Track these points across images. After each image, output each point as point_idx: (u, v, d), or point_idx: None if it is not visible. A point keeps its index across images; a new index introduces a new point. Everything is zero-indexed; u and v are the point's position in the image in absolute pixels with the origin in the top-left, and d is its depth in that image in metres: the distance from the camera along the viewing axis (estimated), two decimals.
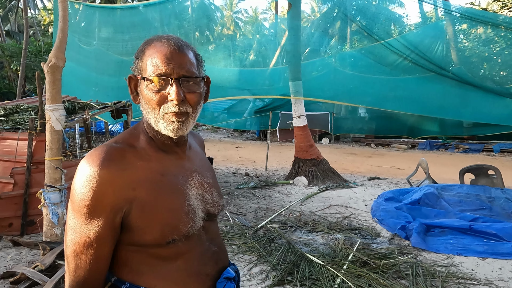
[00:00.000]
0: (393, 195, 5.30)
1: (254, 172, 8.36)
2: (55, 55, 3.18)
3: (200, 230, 0.92)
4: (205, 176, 1.00)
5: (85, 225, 0.80)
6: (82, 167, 0.80)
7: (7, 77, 22.02)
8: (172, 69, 0.84)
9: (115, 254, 0.86)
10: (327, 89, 11.37)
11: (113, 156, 0.82)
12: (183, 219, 0.87)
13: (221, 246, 1.02)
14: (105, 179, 0.79)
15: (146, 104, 0.87)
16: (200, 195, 0.95)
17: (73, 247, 0.81)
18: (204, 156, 1.12)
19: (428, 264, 3.25)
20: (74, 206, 0.80)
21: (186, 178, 0.93)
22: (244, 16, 39.56)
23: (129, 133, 0.93)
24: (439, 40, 9.41)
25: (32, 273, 2.66)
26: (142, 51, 0.89)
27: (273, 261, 3.22)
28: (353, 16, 10.82)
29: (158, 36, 0.89)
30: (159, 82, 0.84)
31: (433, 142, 14.86)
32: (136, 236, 0.83)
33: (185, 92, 0.85)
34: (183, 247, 0.88)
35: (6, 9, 26.05)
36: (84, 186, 0.79)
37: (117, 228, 0.82)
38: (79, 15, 11.32)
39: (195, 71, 0.88)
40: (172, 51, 0.85)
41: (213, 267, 0.95)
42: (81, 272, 0.81)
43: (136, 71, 0.90)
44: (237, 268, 1.07)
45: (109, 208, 0.80)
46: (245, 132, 21.20)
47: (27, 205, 3.80)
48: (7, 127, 4.18)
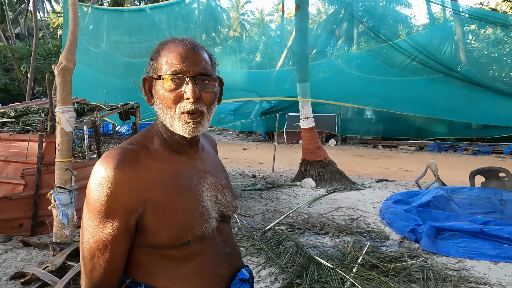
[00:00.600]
0: (402, 198, 5.25)
1: (261, 174, 8.35)
2: (66, 57, 3.20)
3: (214, 232, 0.92)
4: (218, 177, 1.00)
5: (100, 226, 0.80)
6: (97, 169, 0.80)
7: (17, 79, 22.32)
8: (188, 67, 0.84)
9: (129, 255, 0.86)
10: (334, 91, 11.32)
11: (128, 158, 0.82)
12: (197, 220, 0.87)
13: (235, 248, 1.02)
14: (120, 181, 0.79)
15: (161, 104, 0.87)
16: (213, 196, 0.95)
17: (89, 249, 0.81)
18: (216, 157, 1.11)
19: (439, 267, 3.21)
20: (90, 208, 0.80)
21: (199, 179, 0.93)
22: (250, 18, 39.67)
23: (143, 135, 0.93)
24: (447, 41, 9.31)
25: (43, 273, 2.68)
26: (157, 52, 0.89)
27: (281, 264, 3.21)
28: (360, 17, 10.78)
29: (173, 38, 0.90)
30: (175, 80, 0.84)
31: (442, 144, 14.71)
32: (151, 237, 0.83)
33: (200, 91, 0.85)
34: (197, 249, 0.87)
35: (16, 12, 26.45)
36: (100, 188, 0.79)
37: (132, 230, 0.82)
38: (88, 18, 11.45)
39: (210, 69, 0.89)
40: (188, 50, 0.85)
41: (227, 269, 0.94)
42: (97, 273, 0.82)
43: (150, 72, 0.90)
44: (251, 269, 1.06)
45: (124, 209, 0.80)
46: (252, 134, 21.20)
47: (37, 206, 3.84)
48: (18, 129, 4.23)
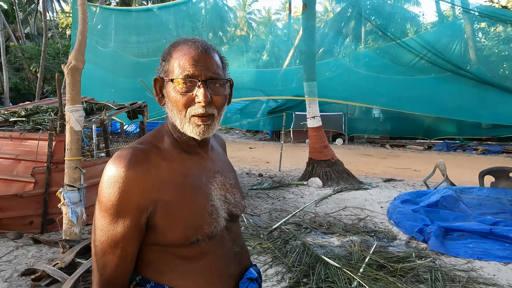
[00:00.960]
0: (409, 197, 5.21)
1: (267, 173, 8.35)
2: (75, 57, 3.24)
3: (223, 231, 0.92)
4: (227, 176, 1.01)
5: (111, 224, 0.81)
6: (109, 168, 0.82)
7: (27, 78, 22.64)
8: (200, 71, 0.84)
9: (140, 253, 0.87)
10: (341, 90, 11.26)
11: (139, 158, 0.84)
12: (207, 219, 0.88)
13: (243, 247, 1.02)
14: (131, 180, 0.80)
15: (172, 106, 0.88)
16: (223, 196, 0.96)
17: (100, 246, 0.83)
18: (225, 157, 1.12)
19: (448, 268, 3.18)
20: (101, 206, 0.82)
21: (209, 178, 0.94)
22: (257, 16, 39.62)
23: (153, 135, 0.94)
24: (456, 39, 9.19)
25: (53, 270, 2.71)
26: (169, 54, 0.89)
27: (288, 263, 3.21)
28: (367, 16, 10.70)
29: (184, 39, 0.90)
30: (186, 84, 0.85)
31: (450, 143, 14.55)
32: (160, 236, 0.84)
33: (212, 94, 0.86)
34: (206, 248, 0.88)
35: (26, 13, 26.79)
36: (111, 187, 0.80)
37: (143, 228, 0.84)
38: (96, 18, 11.54)
39: (221, 73, 0.89)
40: (200, 53, 0.86)
41: (236, 268, 0.95)
42: (108, 270, 0.83)
43: (162, 73, 0.90)
44: (259, 269, 1.07)
45: (135, 208, 0.81)
46: (258, 133, 21.20)
47: (47, 204, 3.89)
48: (28, 128, 4.29)
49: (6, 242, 3.65)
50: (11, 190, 3.97)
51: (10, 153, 4.17)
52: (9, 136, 4.22)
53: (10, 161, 4.14)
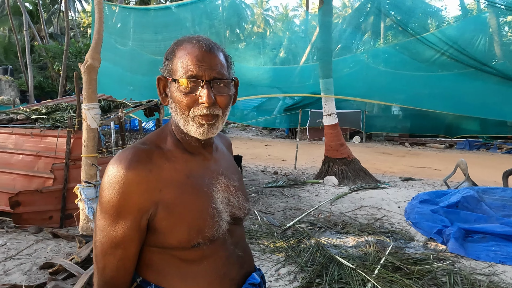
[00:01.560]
0: (428, 197, 5.06)
1: (283, 171, 8.30)
2: (91, 56, 3.30)
3: (225, 234, 0.91)
4: (232, 178, 0.98)
5: (112, 225, 0.80)
6: (110, 168, 0.81)
7: (50, 77, 23.33)
8: (204, 71, 0.82)
9: (141, 255, 0.87)
10: (359, 87, 11.08)
11: (140, 158, 0.83)
12: (209, 222, 0.86)
13: (247, 251, 1.00)
14: (132, 181, 0.79)
15: (175, 106, 0.86)
16: (226, 198, 0.94)
17: (101, 247, 0.82)
18: (231, 158, 1.10)
19: (467, 272, 3.06)
20: (102, 207, 0.81)
21: (212, 180, 0.92)
22: (274, 13, 39.43)
23: (156, 135, 0.93)
24: (481, 34, 8.84)
25: (69, 265, 2.78)
26: (172, 52, 0.88)
27: (301, 262, 3.17)
28: (387, 11, 10.46)
29: (188, 37, 0.88)
30: (190, 84, 0.83)
31: (473, 141, 14.06)
32: (161, 238, 0.83)
33: (216, 95, 0.84)
34: (208, 251, 0.87)
35: (49, 13, 27.59)
36: (112, 187, 0.79)
37: (143, 230, 0.83)
38: (116, 17, 11.76)
39: (226, 73, 0.87)
40: (203, 52, 0.84)
41: (238, 272, 0.93)
42: (109, 271, 0.83)
43: (165, 72, 0.88)
44: (263, 273, 1.04)
45: (135, 209, 0.80)
46: (275, 130, 21.14)
47: (66, 200, 4.00)
48: (48, 125, 4.41)
49: (27, 236, 3.77)
50: (32, 185, 4.10)
51: (31, 150, 4.29)
52: (30, 133, 4.34)
53: (31, 157, 4.27)
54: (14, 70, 22.04)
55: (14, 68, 22.56)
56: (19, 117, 4.73)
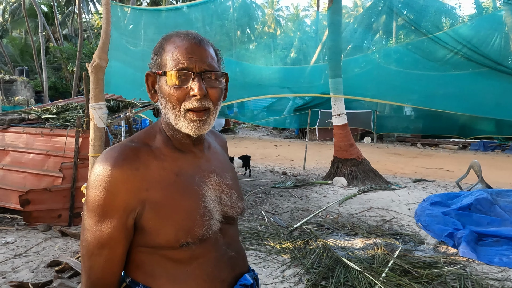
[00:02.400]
0: (440, 199, 4.94)
1: (291, 171, 8.25)
2: (99, 55, 3.31)
3: (216, 234, 0.88)
4: (224, 177, 0.96)
5: (98, 225, 0.79)
6: (96, 167, 0.80)
7: (64, 77, 23.78)
8: (194, 63, 0.81)
9: (129, 255, 0.85)
10: (370, 87, 10.94)
11: (127, 156, 0.81)
12: (198, 221, 0.84)
13: (240, 251, 0.97)
14: (118, 179, 0.78)
15: (166, 101, 0.84)
16: (217, 197, 0.91)
17: (87, 247, 0.81)
18: (225, 156, 1.07)
19: (479, 276, 2.97)
20: (88, 206, 0.80)
21: (202, 178, 0.90)
22: (285, 13, 39.33)
23: (145, 132, 0.91)
24: (496, 32, 8.60)
25: (75, 263, 2.80)
26: (161, 47, 0.86)
27: (307, 264, 3.13)
28: (399, 10, 10.30)
29: (177, 31, 0.87)
30: (181, 77, 0.81)
31: (488, 142, 13.70)
32: (149, 237, 0.81)
33: (207, 87, 0.82)
34: (197, 251, 0.85)
35: (64, 15, 28.14)
36: (97, 186, 0.78)
37: (130, 229, 0.81)
38: (127, 18, 11.90)
39: (216, 66, 0.85)
40: (193, 45, 0.82)
41: (229, 273, 0.91)
42: (95, 272, 0.81)
43: (154, 67, 0.87)
44: (257, 274, 1.01)
45: (121, 208, 0.79)
46: (284, 130, 21.06)
47: (74, 198, 4.04)
48: (58, 125, 4.47)
49: (36, 234, 3.83)
50: (42, 184, 4.15)
51: (41, 149, 4.36)
52: (41, 132, 4.41)
53: (41, 156, 4.33)
54: (30, 71, 22.55)
55: (30, 69, 23.09)
56: (31, 117, 4.81)
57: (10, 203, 4.15)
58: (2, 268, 3.03)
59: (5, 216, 4.38)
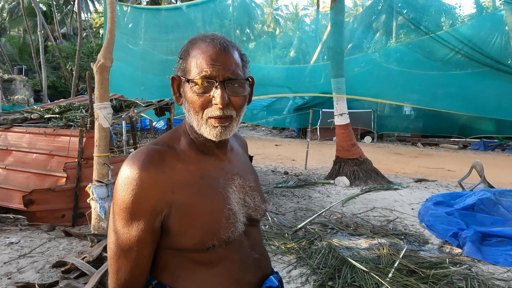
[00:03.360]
0: (443, 199, 4.95)
1: (293, 171, 8.25)
2: (103, 55, 3.30)
3: (241, 236, 0.88)
4: (247, 179, 0.96)
5: (126, 227, 0.79)
6: (123, 170, 0.79)
7: (63, 76, 23.71)
8: (218, 71, 0.80)
9: (155, 257, 0.85)
10: (371, 86, 10.94)
11: (154, 159, 0.81)
12: (224, 224, 0.83)
13: (264, 253, 0.97)
14: (145, 182, 0.78)
15: (189, 106, 0.84)
16: (241, 199, 0.91)
17: (115, 250, 0.81)
18: (246, 158, 1.07)
19: (485, 277, 2.98)
20: (116, 209, 0.80)
21: (226, 181, 0.90)
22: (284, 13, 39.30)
23: (169, 135, 0.91)
24: (496, 32, 8.62)
25: (81, 264, 2.79)
26: (186, 51, 0.85)
27: (313, 264, 3.13)
28: (399, 9, 10.31)
29: (203, 35, 0.86)
30: (204, 84, 0.80)
31: (488, 142, 13.75)
32: (175, 240, 0.81)
33: (230, 95, 0.81)
34: (223, 253, 0.84)
35: (62, 14, 28.04)
36: (125, 189, 0.77)
37: (157, 232, 0.81)
38: (127, 17, 11.86)
39: (240, 72, 0.84)
40: (218, 52, 0.81)
41: (255, 275, 0.90)
42: (123, 274, 0.81)
43: (179, 71, 0.86)
44: (281, 276, 1.01)
45: (149, 211, 0.78)
46: (284, 130, 21.08)
47: (78, 198, 4.02)
48: (61, 124, 4.45)
49: (40, 234, 3.81)
50: (45, 184, 4.14)
51: (45, 149, 4.34)
52: (44, 132, 4.39)
53: (44, 156, 4.32)
54: (29, 70, 22.46)
55: (29, 68, 23.00)
56: (33, 117, 4.79)
57: (13, 203, 4.13)
58: (7, 269, 3.02)
59: (8, 216, 4.36)
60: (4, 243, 3.53)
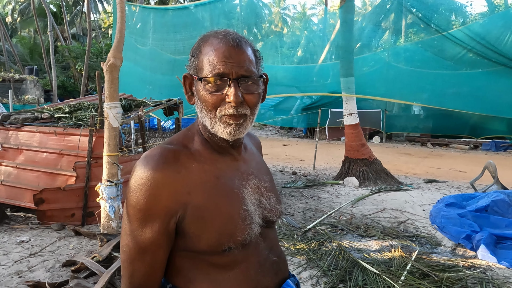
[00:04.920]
0: (455, 201, 4.86)
1: (301, 171, 8.20)
2: (113, 55, 3.30)
3: (257, 238, 0.85)
4: (262, 179, 0.93)
5: (139, 229, 0.76)
6: (137, 170, 0.77)
7: (73, 76, 23.96)
8: (231, 68, 0.77)
9: (170, 260, 0.82)
10: (379, 86, 10.83)
11: (168, 159, 0.78)
12: (240, 225, 0.81)
13: (281, 256, 0.94)
14: (160, 182, 0.75)
15: (202, 105, 0.81)
16: (257, 200, 0.88)
17: (128, 253, 0.78)
18: (261, 158, 1.04)
19: (501, 280, 2.90)
20: (129, 210, 0.77)
21: (242, 181, 0.87)
22: (291, 12, 39.19)
23: (183, 134, 0.88)
24: (509, 30, 8.45)
25: (91, 263, 2.79)
26: (198, 49, 0.82)
27: (323, 266, 3.08)
28: (409, 7, 10.19)
29: (215, 31, 0.83)
30: (217, 82, 0.77)
31: (500, 142, 13.50)
32: (191, 242, 0.79)
33: (244, 93, 0.78)
34: (239, 256, 0.82)
35: (72, 14, 28.35)
36: (139, 190, 0.75)
37: (172, 234, 0.79)
38: (136, 17, 11.94)
39: (254, 69, 0.81)
40: (230, 48, 0.78)
41: (272, 279, 0.88)
42: (137, 278, 0.79)
43: (191, 70, 0.83)
44: (298, 280, 0.98)
45: (164, 212, 0.76)
46: (292, 130, 21.00)
47: (88, 197, 4.04)
48: (71, 124, 4.47)
49: (50, 232, 3.84)
50: (56, 183, 4.16)
51: (55, 148, 4.36)
52: (54, 131, 4.42)
53: (54, 155, 4.34)
54: (39, 70, 22.75)
55: (39, 68, 23.29)
56: (43, 116, 4.82)
57: (24, 202, 4.16)
58: (18, 267, 3.03)
59: (19, 215, 4.41)
60: (15, 242, 3.56)
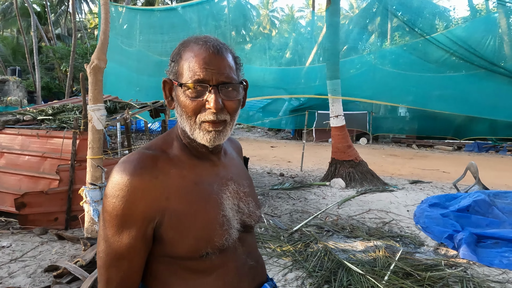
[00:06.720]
0: (438, 201, 4.96)
1: (289, 173, 8.23)
2: (97, 56, 3.27)
3: (235, 243, 0.86)
4: (241, 184, 0.93)
5: (116, 236, 0.76)
6: (114, 175, 0.76)
7: (57, 77, 23.52)
8: (211, 75, 0.77)
9: (147, 265, 0.82)
10: (366, 88, 10.99)
11: (146, 164, 0.78)
12: (218, 231, 0.81)
13: (259, 260, 0.95)
14: (137, 188, 0.75)
15: (181, 111, 0.81)
16: (235, 205, 0.89)
17: (105, 259, 0.78)
18: (241, 163, 1.05)
19: (480, 279, 2.97)
20: (106, 216, 0.77)
21: (221, 186, 0.87)
22: (280, 14, 39.39)
23: (162, 139, 0.88)
24: (490, 34, 8.71)
25: (74, 268, 2.75)
26: (178, 54, 0.83)
27: (309, 267, 3.11)
28: (394, 11, 10.37)
29: (195, 37, 0.83)
30: (197, 88, 0.78)
31: (482, 143, 13.85)
32: (168, 248, 0.79)
33: (224, 99, 0.79)
34: (217, 261, 0.82)
35: (56, 14, 27.84)
36: (116, 196, 0.75)
37: (149, 239, 0.78)
38: (122, 18, 11.80)
39: (234, 76, 0.81)
40: (211, 55, 0.78)
41: (250, 283, 0.88)
42: (114, 284, 0.78)
43: (171, 75, 0.84)
44: (275, 283, 0.99)
45: (141, 218, 0.76)
46: (280, 131, 21.08)
47: (71, 201, 3.97)
48: (54, 126, 4.40)
49: (32, 237, 3.75)
50: (38, 187, 4.08)
51: (37, 151, 4.28)
52: (36, 134, 4.33)
53: (37, 158, 4.26)
54: (22, 71, 22.23)
55: (22, 69, 22.77)
56: (26, 118, 4.73)
57: (5, 206, 4.07)
58: None
59: (0, 220, 4.30)
60: None
